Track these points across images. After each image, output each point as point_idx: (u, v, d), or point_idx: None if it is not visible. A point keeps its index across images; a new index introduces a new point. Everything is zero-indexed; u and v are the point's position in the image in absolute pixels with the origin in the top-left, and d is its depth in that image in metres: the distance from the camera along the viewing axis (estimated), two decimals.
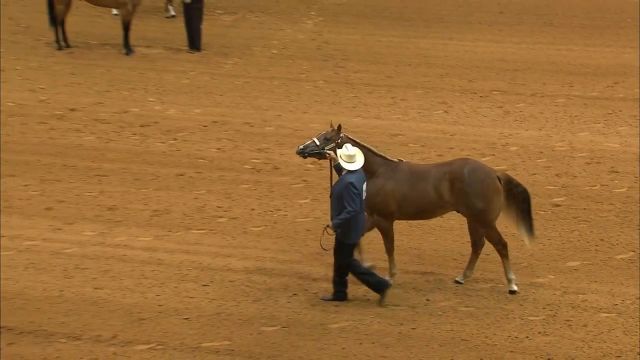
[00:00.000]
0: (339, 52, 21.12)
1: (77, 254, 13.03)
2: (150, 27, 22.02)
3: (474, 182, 11.95)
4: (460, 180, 11.94)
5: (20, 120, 17.27)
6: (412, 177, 12.10)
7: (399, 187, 12.04)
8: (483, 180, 12.00)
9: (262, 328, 11.46)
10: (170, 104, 18.27)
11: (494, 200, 12.02)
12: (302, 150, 12.12)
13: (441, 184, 11.99)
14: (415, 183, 12.06)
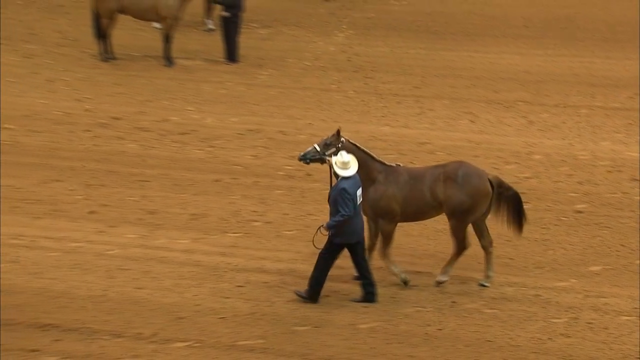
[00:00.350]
0: (368, 64, 21.10)
1: (119, 255, 13.10)
2: (190, 39, 22.08)
3: (466, 182, 11.99)
4: (454, 180, 11.99)
5: (67, 129, 17.37)
6: (411, 180, 12.13)
7: (400, 191, 12.09)
8: (475, 181, 12.05)
9: (295, 327, 11.48)
10: (208, 113, 18.32)
11: (480, 202, 12.11)
12: (304, 156, 12.20)
13: (436, 185, 12.04)
14: (414, 186, 12.09)
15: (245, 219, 14.30)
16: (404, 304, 12.01)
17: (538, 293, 12.27)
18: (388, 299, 12.09)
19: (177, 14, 20.52)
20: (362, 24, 23.82)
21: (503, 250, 13.42)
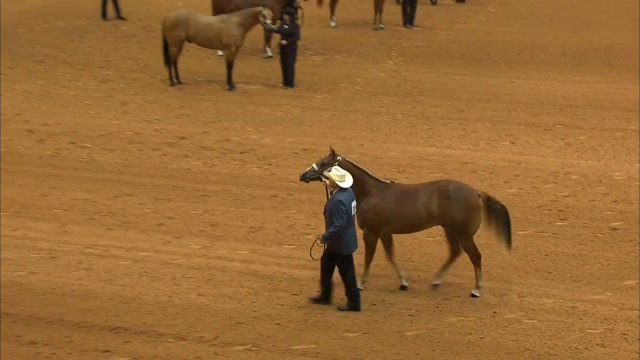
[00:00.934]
0: (416, 89, 21.06)
1: (183, 264, 13.17)
2: (250, 66, 22.21)
3: (458, 199, 12.05)
4: (446, 196, 12.04)
5: (138, 147, 17.53)
6: (402, 196, 12.20)
7: (389, 205, 12.15)
8: (466, 197, 12.13)
9: (345, 334, 11.46)
10: (266, 133, 18.39)
11: (474, 215, 12.13)
12: (304, 175, 12.30)
13: (430, 201, 12.07)
14: (405, 201, 12.14)
15: (300, 232, 14.32)
16: (448, 314, 11.94)
17: (575, 305, 12.13)
18: (433, 309, 12.03)
19: (239, 42, 20.66)
20: (410, 51, 23.81)
21: (542, 264, 13.33)
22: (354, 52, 23.74)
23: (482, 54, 23.73)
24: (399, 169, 16.66)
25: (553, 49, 24.09)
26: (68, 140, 17.70)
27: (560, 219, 14.84)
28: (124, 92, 20.45)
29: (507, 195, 15.62)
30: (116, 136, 18.00)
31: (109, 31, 25.02)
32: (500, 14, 27.73)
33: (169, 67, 20.89)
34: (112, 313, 11.89)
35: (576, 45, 24.15)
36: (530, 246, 13.89)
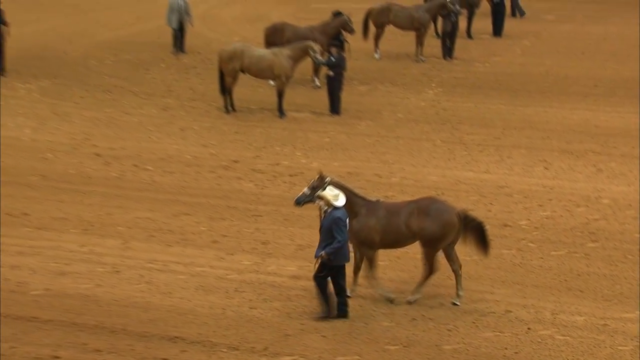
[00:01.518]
0: (454, 117, 20.98)
1: (236, 279, 13.20)
2: (300, 95, 22.28)
3: (436, 217, 12.09)
4: (426, 213, 12.10)
5: (195, 170, 17.64)
6: (388, 214, 12.23)
7: (379, 222, 12.18)
8: (444, 216, 12.13)
9: (386, 346, 11.40)
10: (313, 158, 18.40)
11: (449, 232, 12.18)
12: (298, 200, 12.36)
13: (410, 218, 12.12)
14: (391, 219, 12.17)
15: None
16: (484, 329, 11.82)
17: (606, 323, 11.96)
18: (470, 324, 11.92)
19: (289, 73, 20.76)
20: (450, 82, 23.74)
21: (574, 283, 13.17)
22: (396, 82, 23.73)
23: (517, 84, 23.59)
24: (438, 192, 16.53)
25: (585, 80, 23.87)
26: (132, 163, 17.88)
27: (591, 240, 14.66)
28: (183, 119, 20.62)
29: (541, 218, 15.51)
30: (175, 159, 18.13)
31: (171, 63, 25.29)
32: (534, 47, 27.57)
33: (224, 96, 21.03)
34: (170, 324, 11.93)
35: (607, 77, 23.91)
36: (563, 266, 13.72)
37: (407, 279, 13.08)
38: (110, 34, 28.19)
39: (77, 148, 18.60)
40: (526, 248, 14.38)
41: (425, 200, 12.57)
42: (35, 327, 11.88)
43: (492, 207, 15.94)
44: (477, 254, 12.65)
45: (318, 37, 21.37)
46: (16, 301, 12.50)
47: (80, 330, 11.80)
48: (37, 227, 14.92)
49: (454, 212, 12.29)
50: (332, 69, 20.76)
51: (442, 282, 12.99)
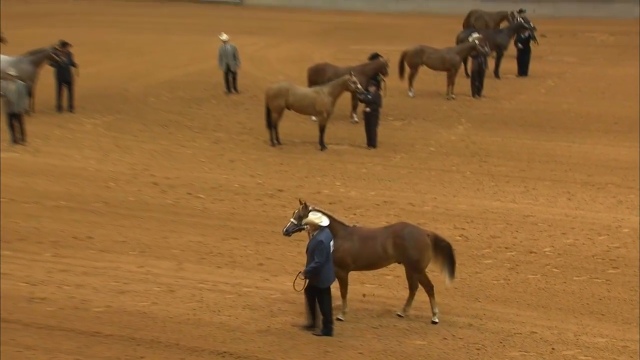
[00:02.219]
0: (483, 151, 20.90)
1: (280, 299, 13.20)
2: (339, 129, 22.35)
3: (410, 239, 12.11)
4: (401, 238, 12.12)
5: (243, 198, 17.73)
6: (364, 238, 12.27)
7: (353, 246, 12.19)
8: (417, 238, 12.23)
9: None
10: (351, 187, 18.42)
11: (424, 253, 12.23)
12: (286, 231, 12.44)
13: (386, 242, 12.14)
14: (366, 243, 12.20)
15: (380, 273, 14.15)
16: (511, 348, 11.71)
17: (626, 344, 11.79)
18: (497, 344, 11.82)
19: (329, 109, 20.85)
20: (478, 118, 23.69)
21: (596, 307, 13.00)
22: (428, 118, 23.73)
23: (542, 121, 23.46)
24: (467, 220, 16.49)
25: (605, 118, 23.68)
26: (186, 191, 18.00)
27: (612, 267, 14.47)
28: (232, 151, 20.76)
29: (564, 245, 15.35)
30: (225, 188, 18.22)
31: (222, 100, 25.54)
32: (558, 86, 27.44)
33: (270, 130, 21.16)
34: (219, 339, 11.98)
35: (626, 116, 23.68)
36: (585, 290, 13.56)
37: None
38: (167, 73, 28.56)
39: (136, 177, 18.79)
40: (550, 273, 14.24)
41: (399, 225, 12.65)
42: (97, 341, 12.00)
43: (518, 235, 15.82)
44: (446, 275, 12.50)
45: (357, 76, 21.44)
46: (80, 317, 12.65)
47: (137, 345, 11.90)
48: (100, 250, 15.08)
49: (425, 234, 12.39)
50: (369, 106, 20.82)
51: (470, 305, 12.91)
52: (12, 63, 22.39)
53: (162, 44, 32.76)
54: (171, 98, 25.48)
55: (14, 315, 12.67)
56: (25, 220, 16.29)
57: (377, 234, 12.41)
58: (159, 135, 21.96)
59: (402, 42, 30.13)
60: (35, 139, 21.07)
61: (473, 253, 15.00)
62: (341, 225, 12.37)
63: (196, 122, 23.12)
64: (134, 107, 24.35)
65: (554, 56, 31.21)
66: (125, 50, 31.64)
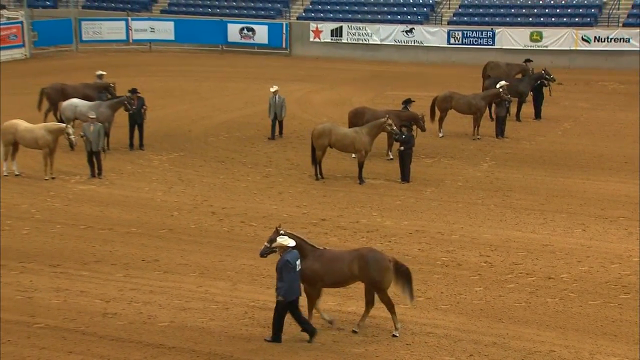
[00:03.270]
0: (505, 186, 20.74)
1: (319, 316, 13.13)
2: (376, 165, 22.34)
3: (373, 263, 12.26)
4: (365, 261, 12.18)
5: (290, 226, 17.29)
6: (331, 260, 12.40)
7: (322, 267, 12.31)
8: (379, 262, 12.33)
9: None
10: (387, 217, 18.38)
11: (385, 275, 12.31)
12: (261, 253, 12.59)
13: (352, 264, 12.21)
14: (333, 264, 12.31)
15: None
16: None
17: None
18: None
19: (368, 148, 20.91)
20: (501, 157, 23.55)
21: (609, 328, 12.80)
22: (456, 156, 23.65)
23: (559, 160, 23.24)
24: (492, 248, 16.35)
25: (617, 157, 23.37)
26: (240, 220, 18.09)
27: (624, 293, 14.23)
28: (281, 185, 20.86)
29: (580, 272, 15.13)
30: (274, 217, 18.24)
31: (272, 140, 25.67)
32: (573, 129, 27.19)
33: (315, 166, 21.24)
34: (268, 352, 11.98)
35: (635, 156, 23.33)
36: (599, 313, 13.35)
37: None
38: (225, 116, 28.85)
39: (197, 207, 18.94)
40: (567, 297, 14.05)
41: (364, 250, 12.74)
42: (162, 352, 12.10)
43: (537, 262, 15.64)
44: (407, 295, 12.55)
45: (393, 119, 21.51)
46: (147, 330, 12.78)
47: (197, 356, 11.96)
48: (165, 271, 15.22)
49: (387, 259, 12.43)
50: (403, 145, 20.86)
51: (494, 325, 12.75)
52: (92, 107, 22.88)
53: (220, 90, 33.18)
54: (228, 137, 25.73)
55: (90, 328, 12.86)
56: (101, 244, 16.54)
57: (344, 256, 12.57)
58: (217, 170, 22.12)
59: (432, 88, 30.15)
60: (110, 174, 21.39)
61: (497, 278, 14.86)
62: (311, 248, 12.58)
63: (249, 158, 23.30)
64: (196, 146, 24.62)
65: (570, 102, 30.94)
66: (189, 96, 32.08)
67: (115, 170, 21.72)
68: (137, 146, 23.85)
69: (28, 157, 21.71)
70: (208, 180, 21.08)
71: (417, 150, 22.07)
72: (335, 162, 22.37)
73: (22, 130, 20.76)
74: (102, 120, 21.86)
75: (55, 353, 12.01)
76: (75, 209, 18.66)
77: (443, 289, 14.43)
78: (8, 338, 12.42)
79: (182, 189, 20.36)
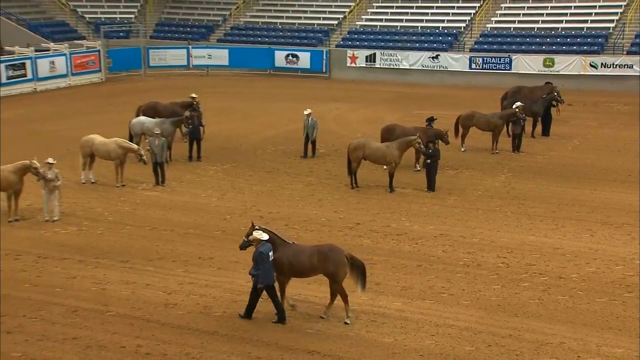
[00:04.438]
0: (521, 195, 20.51)
1: (355, 310, 13.09)
2: (404, 176, 22.22)
3: (331, 257, 12.41)
4: (323, 256, 12.45)
5: (328, 229, 17.75)
6: (298, 253, 12.45)
7: (289, 258, 12.53)
8: (336, 256, 12.45)
9: None
10: (414, 222, 18.30)
11: (340, 269, 12.42)
12: (240, 246, 12.87)
13: (312, 258, 12.45)
14: (298, 257, 12.50)
15: (436, 291, 14.09)
16: (544, 355, 11.37)
17: None
18: (532, 351, 11.45)
19: (397, 161, 20.87)
20: (517, 169, 23.30)
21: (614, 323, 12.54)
22: (477, 168, 23.46)
23: (569, 172, 22.90)
24: (508, 251, 16.18)
25: (621, 171, 22.96)
26: (284, 223, 18.09)
27: (627, 291, 13.98)
28: (321, 192, 20.87)
29: (587, 273, 14.90)
30: (314, 221, 18.29)
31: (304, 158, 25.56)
32: (582, 145, 26.77)
33: (350, 176, 21.23)
34: (309, 341, 11.87)
35: (637, 169, 22.91)
36: (605, 310, 13.12)
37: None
38: (271, 132, 28.99)
39: (246, 212, 19.01)
40: (576, 295, 13.84)
41: (325, 246, 12.82)
42: (215, 339, 12.19)
43: (549, 263, 15.44)
44: (359, 286, 12.57)
45: (422, 136, 21.44)
46: (203, 319, 12.89)
47: (246, 343, 12.04)
48: (219, 268, 15.32)
49: (343, 254, 12.46)
50: (429, 158, 20.78)
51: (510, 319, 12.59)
52: (157, 124, 23.21)
53: (267, 108, 33.38)
54: (274, 151, 25.86)
55: (154, 316, 13.04)
56: (164, 243, 16.74)
57: (307, 251, 12.66)
58: (264, 179, 22.21)
59: (455, 108, 29.94)
60: (172, 182, 21.62)
61: (513, 277, 14.70)
62: (282, 242, 12.71)
63: (293, 169, 23.38)
64: (246, 158, 24.79)
65: (579, 121, 30.48)
66: (240, 114, 32.32)
67: (177, 179, 21.94)
68: (195, 158, 24.08)
69: (103, 167, 22.10)
70: (256, 188, 21.19)
71: (442, 163, 21.94)
72: (368, 172, 22.35)
73: (97, 143, 21.15)
74: (165, 135, 22.16)
75: (124, 337, 12.20)
76: (141, 212, 18.93)
77: (464, 286, 14.33)
78: (85, 324, 12.66)
79: (234, 195, 20.48)
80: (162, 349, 11.82)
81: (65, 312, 13.03)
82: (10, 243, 16.47)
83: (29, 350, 11.66)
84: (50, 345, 11.87)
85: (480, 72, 39.35)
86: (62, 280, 14.47)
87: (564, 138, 27.61)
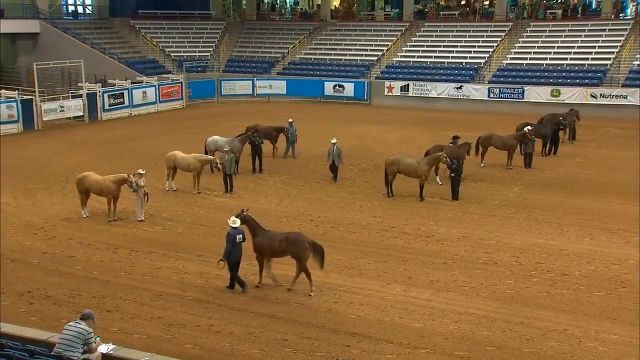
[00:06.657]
0: (531, 204, 20.20)
1: (391, 299, 13.09)
2: (432, 187, 22.06)
3: (295, 242, 12.90)
4: (289, 241, 12.93)
5: (367, 231, 17.77)
6: (271, 238, 13.06)
7: (265, 242, 13.13)
8: (299, 242, 12.91)
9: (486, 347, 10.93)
10: (441, 226, 18.18)
11: (303, 252, 12.89)
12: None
13: (281, 242, 12.95)
14: (271, 241, 13.05)
15: (459, 284, 14.01)
16: (550, 340, 11.14)
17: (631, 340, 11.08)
18: (540, 336, 11.27)
19: (427, 174, 20.82)
20: (529, 182, 22.95)
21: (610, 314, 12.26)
22: (493, 181, 23.18)
23: (572, 185, 22.45)
24: (520, 251, 15.99)
25: (617, 185, 22.39)
26: (331, 226, 18.05)
27: (622, 287, 13.71)
28: (362, 200, 20.83)
29: (588, 271, 14.63)
30: (356, 224, 18.20)
31: (356, 166, 25.52)
32: (584, 163, 26.19)
33: (387, 187, 21.21)
34: (351, 324, 11.85)
35: (632, 184, 22.31)
36: (603, 302, 12.88)
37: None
38: (320, 149, 28.55)
39: (299, 216, 19.09)
40: (578, 289, 13.62)
41: (292, 234, 13.18)
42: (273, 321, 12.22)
43: (555, 262, 15.20)
44: (318, 264, 12.86)
45: (447, 151, 21.36)
46: (263, 304, 12.88)
47: (299, 325, 12.08)
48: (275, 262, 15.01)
49: (306, 241, 12.90)
50: (453, 172, 20.66)
51: (521, 309, 12.42)
52: (227, 142, 23.68)
53: (319, 129, 33.54)
54: (323, 165, 25.84)
55: (223, 301, 13.22)
56: None
57: (278, 237, 13.06)
58: (314, 188, 22.24)
59: (476, 130, 29.64)
60: (238, 190, 21.86)
61: (524, 274, 14.53)
62: (261, 229, 13.20)
63: (338, 181, 23.40)
64: (300, 170, 24.89)
65: (581, 142, 29.86)
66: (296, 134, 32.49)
67: (242, 188, 22.13)
68: (257, 170, 24.26)
69: (183, 177, 22.63)
70: (308, 196, 21.25)
71: (464, 176, 21.78)
72: (402, 184, 22.31)
73: (179, 158, 21.68)
74: (234, 151, 22.57)
75: (199, 318, 12.45)
76: (214, 215, 19.21)
77: (483, 280, 14.23)
78: (168, 306, 13.01)
79: (289, 202, 20.57)
80: (230, 329, 12.01)
81: (152, 296, 13.38)
82: (109, 238, 17.03)
83: (124, 326, 12.05)
84: (141, 322, 12.25)
85: (498, 101, 39.10)
86: (150, 270, 14.86)
87: (569, 156, 27.08)
